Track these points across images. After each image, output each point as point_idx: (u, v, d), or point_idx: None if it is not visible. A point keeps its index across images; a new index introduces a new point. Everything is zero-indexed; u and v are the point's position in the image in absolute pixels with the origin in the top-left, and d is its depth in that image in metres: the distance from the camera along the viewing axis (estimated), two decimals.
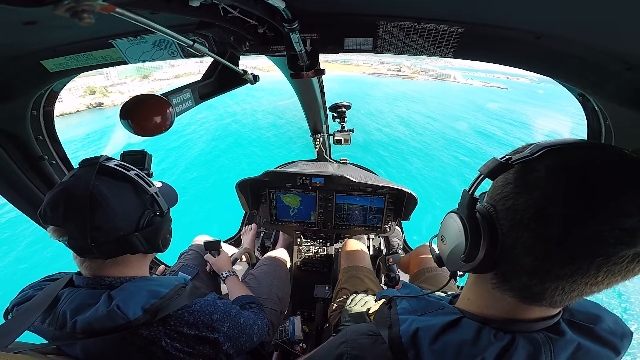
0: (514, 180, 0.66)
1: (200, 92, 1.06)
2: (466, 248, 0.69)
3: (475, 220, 0.69)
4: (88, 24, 0.40)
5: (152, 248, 1.15)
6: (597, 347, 0.72)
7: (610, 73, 1.06)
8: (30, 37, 1.17)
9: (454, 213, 0.76)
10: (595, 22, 0.88)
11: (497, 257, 0.67)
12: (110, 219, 1.01)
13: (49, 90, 1.63)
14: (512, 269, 0.67)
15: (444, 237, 0.80)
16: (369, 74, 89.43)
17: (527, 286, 0.65)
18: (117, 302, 0.99)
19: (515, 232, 0.64)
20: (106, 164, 1.07)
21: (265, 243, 3.24)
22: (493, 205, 0.69)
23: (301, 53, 1.18)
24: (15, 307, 1.10)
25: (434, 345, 0.74)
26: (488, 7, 1.00)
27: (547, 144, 0.64)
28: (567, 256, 0.58)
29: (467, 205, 0.71)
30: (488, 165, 0.69)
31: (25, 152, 1.69)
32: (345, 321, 1.61)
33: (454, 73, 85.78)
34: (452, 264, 0.78)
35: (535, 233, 0.61)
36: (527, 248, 0.62)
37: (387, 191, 2.62)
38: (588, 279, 0.59)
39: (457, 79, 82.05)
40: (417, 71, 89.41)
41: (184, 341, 1.07)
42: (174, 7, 0.70)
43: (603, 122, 1.30)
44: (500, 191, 0.68)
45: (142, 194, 1.12)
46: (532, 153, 0.63)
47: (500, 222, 0.66)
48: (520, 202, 0.63)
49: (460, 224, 0.72)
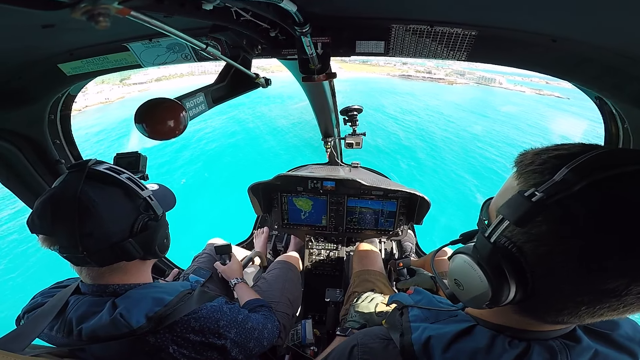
0: (549, 222, 0.55)
1: (213, 96, 1.07)
2: (492, 298, 0.62)
3: (500, 269, 0.60)
4: (104, 27, 0.40)
5: (148, 254, 1.11)
6: (615, 353, 0.70)
7: (629, 76, 1.04)
8: (48, 41, 1.20)
9: (468, 256, 0.67)
10: (612, 24, 0.86)
11: (525, 298, 0.61)
12: (100, 226, 0.97)
13: (65, 94, 1.67)
14: (540, 306, 0.62)
15: (459, 282, 0.70)
16: (394, 75, 71.04)
17: (555, 317, 0.61)
18: (121, 311, 0.99)
19: (552, 280, 0.57)
20: (95, 168, 1.03)
21: (277, 246, 3.24)
22: (518, 247, 0.59)
23: (312, 56, 1.18)
24: (26, 314, 1.11)
25: (446, 353, 0.73)
26: (502, 10, 0.98)
27: (585, 167, 0.53)
28: (614, 303, 0.53)
29: (488, 255, 0.62)
30: (512, 205, 0.58)
31: (42, 156, 1.72)
32: (352, 318, 1.59)
33: (499, 77, 66.17)
34: (472, 304, 0.70)
35: (582, 284, 0.54)
36: (567, 294, 0.56)
37: (399, 195, 2.60)
38: (627, 311, 0.54)
39: (502, 84, 63.75)
40: (450, 73, 71.79)
41: (191, 348, 1.06)
42: (188, 11, 0.71)
43: (621, 125, 1.26)
44: (528, 230, 0.57)
45: (135, 198, 1.08)
46: (568, 185, 0.53)
47: (531, 267, 0.58)
48: (562, 250, 0.54)
49: (482, 274, 0.63)
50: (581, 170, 0.53)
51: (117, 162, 1.36)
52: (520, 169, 0.64)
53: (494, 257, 0.61)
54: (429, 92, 49.95)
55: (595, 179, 0.51)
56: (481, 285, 0.63)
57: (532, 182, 0.59)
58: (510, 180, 0.67)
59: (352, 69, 73.66)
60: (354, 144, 2.57)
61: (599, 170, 0.52)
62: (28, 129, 1.63)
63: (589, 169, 0.52)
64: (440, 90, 54.44)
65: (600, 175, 0.51)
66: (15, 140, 1.60)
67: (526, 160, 0.63)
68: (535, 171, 0.60)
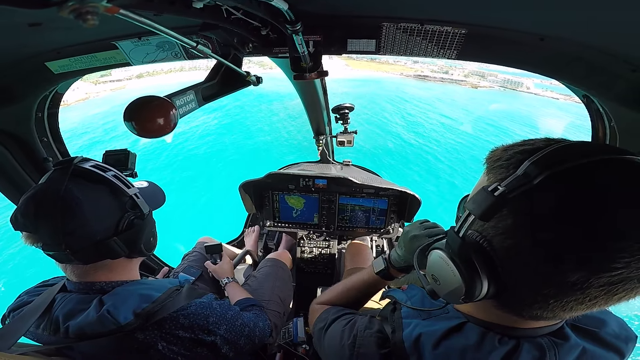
0: (513, 216, 0.57)
1: (204, 94, 1.06)
2: (466, 292, 0.63)
3: (471, 264, 0.62)
4: (92, 26, 0.40)
5: (133, 252, 1.10)
6: (601, 351, 0.72)
7: (615, 75, 1.06)
8: (35, 39, 1.18)
9: (442, 252, 0.68)
10: (599, 23, 0.88)
11: (498, 292, 0.63)
12: (84, 224, 0.96)
13: (53, 92, 1.65)
14: (512, 300, 0.64)
15: (436, 278, 0.71)
16: (408, 75, 59.06)
17: (529, 311, 0.62)
18: (108, 307, 0.98)
19: (518, 272, 0.59)
20: (81, 165, 1.02)
21: (268, 244, 3.23)
22: (488, 240, 0.61)
23: (304, 55, 1.18)
24: (11, 313, 1.10)
25: (436, 350, 0.74)
26: (491, 9, 0.99)
27: (545, 160, 0.54)
28: (579, 296, 0.54)
29: (458, 249, 0.64)
30: (477, 200, 0.59)
31: (30, 154, 1.69)
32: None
33: (525, 81, 55.19)
34: (450, 299, 0.71)
35: (545, 276, 0.55)
36: (534, 287, 0.58)
37: (390, 193, 2.61)
38: (595, 304, 0.56)
39: (530, 88, 54.09)
40: (468, 74, 59.88)
41: (180, 344, 1.06)
42: (178, 9, 0.70)
43: (608, 123, 1.29)
44: (495, 224, 0.60)
45: (120, 196, 1.07)
46: (529, 178, 0.54)
47: (500, 261, 0.60)
48: (525, 244, 0.56)
49: (454, 269, 0.64)
50: (541, 163, 0.54)
51: (106, 159, 1.33)
52: (489, 165, 0.65)
53: (464, 251, 0.63)
54: (451, 98, 40.24)
55: (554, 171, 0.52)
56: (454, 280, 0.65)
57: (498, 177, 0.60)
58: (482, 177, 0.68)
59: (359, 67, 63.08)
60: (345, 141, 2.57)
61: (558, 164, 0.53)
62: (15, 127, 1.60)
63: (549, 162, 0.53)
64: (464, 96, 44.69)
65: (558, 168, 0.52)
66: (2, 138, 1.57)
67: (494, 157, 0.64)
68: (501, 166, 0.61)
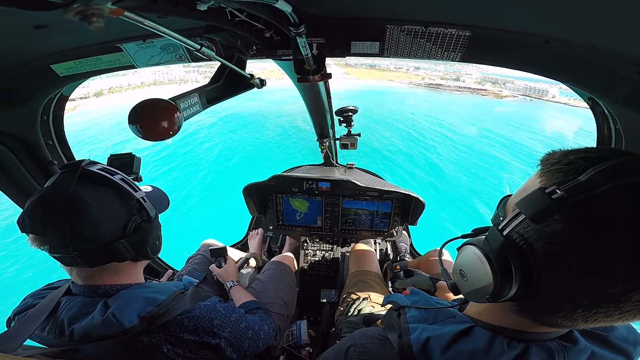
0: (566, 221, 0.54)
1: (208, 97, 1.06)
2: (494, 291, 0.62)
3: (507, 264, 0.60)
4: (97, 28, 0.40)
5: (140, 255, 1.10)
6: (610, 354, 0.71)
7: (621, 77, 1.05)
8: (40, 42, 1.19)
9: (477, 248, 0.67)
10: (604, 25, 0.87)
11: (524, 296, 0.61)
12: (92, 226, 0.96)
13: (58, 95, 1.66)
14: (537, 305, 0.62)
15: (464, 273, 0.70)
16: (418, 85, 53.80)
17: (550, 319, 0.62)
18: (113, 311, 0.98)
19: (556, 279, 0.56)
20: (89, 168, 1.02)
21: (272, 247, 3.23)
22: (529, 243, 0.58)
23: (307, 57, 1.18)
24: (16, 316, 1.10)
25: (445, 354, 0.73)
26: (496, 11, 0.99)
27: (614, 170, 0.52)
28: (611, 309, 0.53)
29: (498, 248, 0.62)
30: (531, 200, 0.57)
31: (35, 157, 1.70)
32: (344, 334, 1.61)
33: (550, 89, 52.25)
34: (472, 297, 0.71)
35: (584, 286, 0.54)
36: (567, 296, 0.56)
37: (394, 196, 2.61)
38: (622, 318, 0.55)
39: (555, 97, 51.44)
40: (481, 80, 55.24)
41: (185, 347, 1.06)
42: (182, 11, 0.70)
43: (613, 126, 1.28)
44: (542, 228, 0.57)
45: (128, 199, 1.07)
46: (593, 186, 0.51)
47: (538, 265, 0.57)
48: (574, 251, 0.53)
49: (487, 267, 0.63)
50: (608, 173, 0.52)
51: (111, 163, 1.34)
52: (544, 167, 0.63)
53: (503, 251, 0.61)
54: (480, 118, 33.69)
55: (623, 182, 0.51)
56: (485, 278, 0.64)
57: (555, 181, 0.58)
58: (533, 178, 0.66)
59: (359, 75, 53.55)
60: (349, 144, 2.57)
61: (628, 175, 0.51)
62: (20, 130, 1.61)
63: (618, 172, 0.52)
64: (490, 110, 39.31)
65: (629, 179, 0.51)
66: (7, 141, 1.58)
67: (552, 160, 0.62)
68: (560, 170, 0.59)
